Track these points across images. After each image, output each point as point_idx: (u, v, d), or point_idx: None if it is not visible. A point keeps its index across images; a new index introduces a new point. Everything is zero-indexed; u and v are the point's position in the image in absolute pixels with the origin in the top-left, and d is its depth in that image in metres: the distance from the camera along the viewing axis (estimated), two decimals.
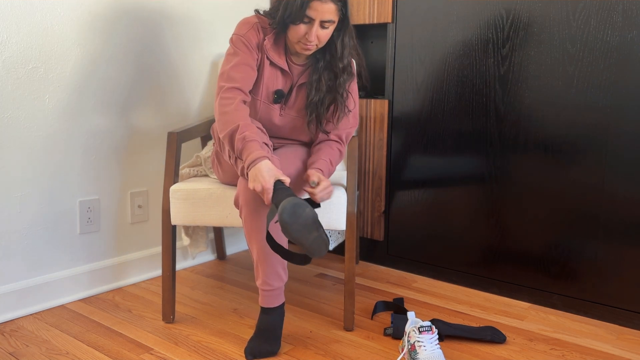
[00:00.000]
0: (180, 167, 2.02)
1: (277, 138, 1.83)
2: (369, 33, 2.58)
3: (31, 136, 1.87)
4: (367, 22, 2.37)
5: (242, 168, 1.57)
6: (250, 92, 1.71)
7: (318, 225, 1.46)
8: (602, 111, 1.87)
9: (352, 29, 1.72)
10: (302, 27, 1.60)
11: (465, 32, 2.12)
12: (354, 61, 1.82)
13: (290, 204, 1.42)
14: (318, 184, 1.59)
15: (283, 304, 1.67)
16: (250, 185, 1.49)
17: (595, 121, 1.89)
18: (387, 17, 2.31)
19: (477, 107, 2.13)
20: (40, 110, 1.89)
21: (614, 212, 1.88)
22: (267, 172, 1.47)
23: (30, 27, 1.84)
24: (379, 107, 2.36)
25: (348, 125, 1.79)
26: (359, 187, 2.46)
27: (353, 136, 1.85)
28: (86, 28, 1.98)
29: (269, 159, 1.51)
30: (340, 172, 2.09)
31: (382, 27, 2.43)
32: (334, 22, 1.62)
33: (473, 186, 2.16)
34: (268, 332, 1.65)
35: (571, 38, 1.91)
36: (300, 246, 1.46)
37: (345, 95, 1.74)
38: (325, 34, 1.63)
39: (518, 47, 2.01)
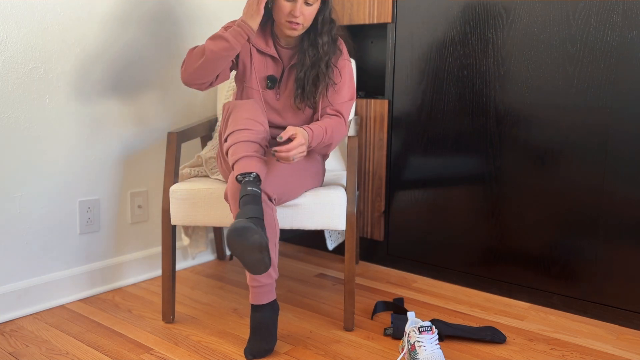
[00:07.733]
0: (181, 167, 2.02)
1: (277, 127, 1.84)
2: (369, 33, 2.58)
3: (31, 136, 1.87)
4: (367, 22, 2.37)
5: (231, 146, 1.62)
6: (243, 82, 1.82)
7: (263, 249, 1.46)
8: (602, 111, 1.87)
9: (333, 7, 1.79)
10: (287, 5, 1.67)
11: (465, 32, 2.12)
12: (342, 42, 1.87)
13: (242, 226, 1.44)
14: (291, 139, 1.61)
15: (274, 301, 1.67)
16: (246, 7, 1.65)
17: (595, 121, 1.89)
18: (387, 17, 2.31)
19: (477, 107, 2.13)
20: (40, 110, 1.89)
21: (613, 213, 1.88)
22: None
23: (30, 27, 1.84)
24: (379, 107, 2.36)
25: (340, 100, 1.81)
26: (359, 187, 2.46)
27: (352, 136, 1.85)
28: (86, 28, 1.98)
29: None
30: (340, 172, 2.09)
31: (382, 27, 2.43)
32: None
33: (473, 186, 2.16)
34: (261, 329, 1.64)
35: (571, 38, 1.91)
36: (239, 260, 1.50)
37: (328, 68, 1.77)
38: (310, 12, 1.69)
39: (518, 47, 2.01)
